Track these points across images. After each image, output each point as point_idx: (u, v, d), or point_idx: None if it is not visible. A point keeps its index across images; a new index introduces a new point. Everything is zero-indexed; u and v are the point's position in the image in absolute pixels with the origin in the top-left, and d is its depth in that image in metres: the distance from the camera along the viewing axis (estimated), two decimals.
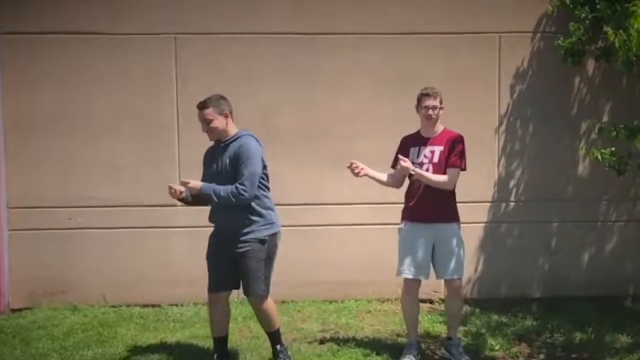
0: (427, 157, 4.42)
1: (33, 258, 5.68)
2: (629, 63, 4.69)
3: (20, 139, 5.65)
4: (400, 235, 4.50)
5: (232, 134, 4.20)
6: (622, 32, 4.60)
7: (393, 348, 4.67)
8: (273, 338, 4.35)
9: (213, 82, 5.37)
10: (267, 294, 4.19)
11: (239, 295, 4.41)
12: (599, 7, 5.11)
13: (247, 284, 4.15)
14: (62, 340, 4.87)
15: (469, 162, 4.50)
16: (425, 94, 4.41)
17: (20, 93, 5.63)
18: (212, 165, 4.23)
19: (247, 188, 4.02)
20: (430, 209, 4.36)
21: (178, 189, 4.11)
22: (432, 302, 5.76)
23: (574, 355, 4.65)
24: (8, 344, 4.83)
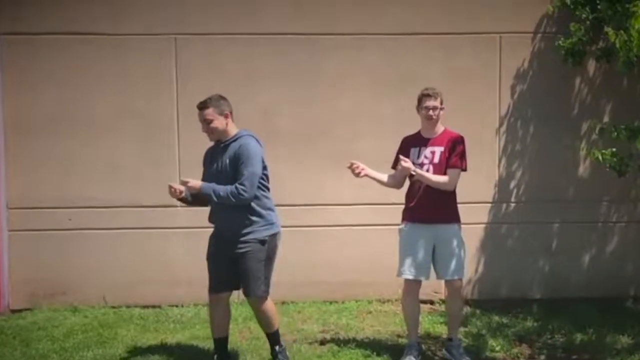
0: (427, 157, 4.41)
1: (33, 259, 5.68)
2: (630, 63, 4.69)
3: (20, 139, 5.65)
4: (401, 236, 4.49)
5: (232, 134, 4.19)
6: (622, 32, 4.60)
7: (393, 349, 4.67)
8: (272, 338, 4.35)
9: (213, 82, 5.36)
10: (266, 295, 4.19)
11: (239, 296, 4.40)
12: (600, 7, 5.11)
13: (246, 284, 4.15)
14: (62, 341, 4.87)
15: (469, 162, 4.49)
16: (426, 94, 4.41)
17: (20, 93, 5.63)
18: (211, 165, 4.23)
19: (246, 188, 4.02)
20: (431, 210, 4.35)
21: (178, 188, 4.11)
22: (432, 302, 5.75)
23: (575, 356, 4.64)
24: (8, 345, 4.83)
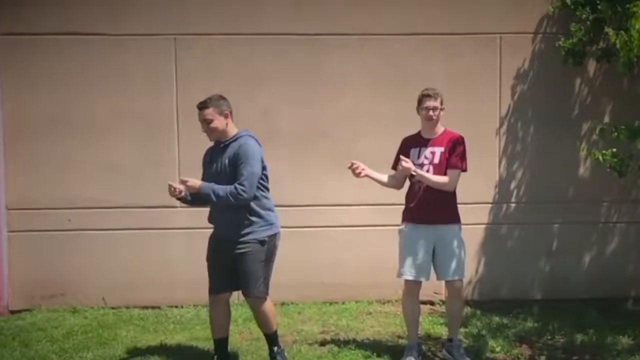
0: (427, 158, 4.40)
1: (32, 259, 5.67)
2: (630, 64, 4.67)
3: (20, 140, 5.64)
4: (401, 237, 4.49)
5: (231, 134, 4.18)
6: (623, 32, 4.60)
7: (393, 349, 4.66)
8: (270, 339, 4.34)
9: (213, 82, 5.36)
10: (266, 295, 4.19)
11: (239, 297, 4.40)
12: (600, 7, 5.09)
13: (246, 285, 4.14)
14: (61, 342, 4.86)
15: (470, 163, 4.48)
16: (426, 95, 4.40)
17: (20, 93, 5.62)
18: (211, 166, 4.22)
19: (245, 188, 4.01)
20: (431, 210, 4.34)
21: (177, 188, 4.10)
22: (432, 303, 5.75)
23: (575, 357, 4.63)
24: (7, 346, 4.82)
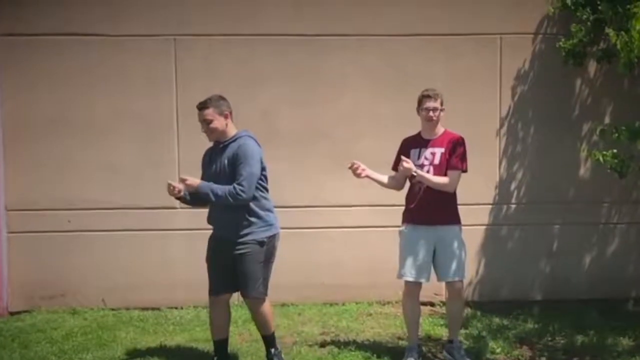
0: (427, 158, 4.39)
1: (32, 260, 5.66)
2: (631, 64, 4.66)
3: (19, 141, 5.63)
4: (401, 238, 4.48)
5: (231, 135, 4.18)
6: (623, 33, 4.59)
7: (393, 351, 4.66)
8: (268, 341, 4.33)
9: (212, 83, 5.35)
10: (264, 296, 4.18)
11: (239, 298, 4.39)
12: (600, 8, 5.09)
13: (244, 286, 4.13)
14: (61, 343, 4.85)
15: (470, 163, 4.47)
16: (426, 95, 4.39)
17: (20, 94, 5.62)
18: (210, 166, 4.21)
19: (244, 188, 4.00)
20: (431, 211, 4.33)
21: (177, 187, 4.09)
22: (432, 304, 5.74)
23: (576, 358, 4.62)
24: (7, 347, 4.81)
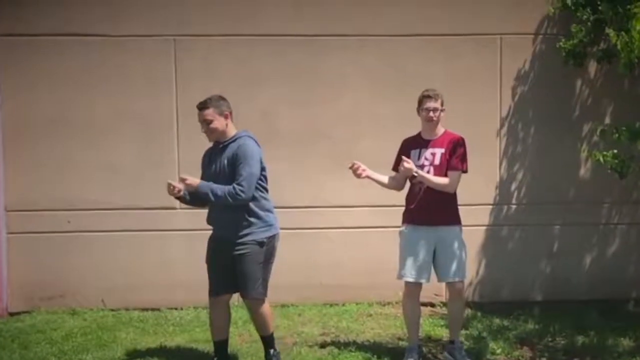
0: (427, 159, 4.39)
1: (31, 261, 5.66)
2: (631, 65, 4.66)
3: (19, 141, 5.63)
4: (401, 238, 4.47)
5: (231, 135, 4.17)
6: (623, 33, 4.59)
7: (394, 351, 4.65)
8: (266, 342, 4.33)
9: (212, 83, 5.34)
10: (264, 297, 4.17)
11: (239, 299, 4.38)
12: (601, 8, 5.09)
13: (244, 286, 4.12)
14: (60, 344, 4.85)
15: (470, 164, 4.47)
16: (426, 96, 4.38)
17: (20, 94, 5.61)
18: (210, 166, 4.21)
19: (244, 188, 3.99)
20: (431, 212, 4.32)
21: (176, 186, 4.09)
22: (433, 305, 5.73)
23: (576, 359, 4.61)
24: (6, 348, 4.80)
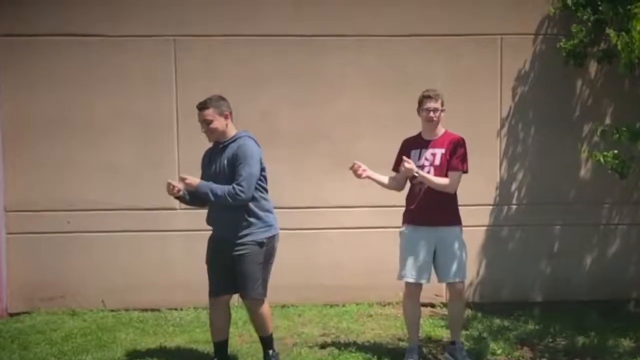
0: (428, 159, 4.38)
1: (31, 262, 5.65)
2: (631, 65, 4.66)
3: (19, 141, 5.62)
4: (401, 239, 4.47)
5: (230, 135, 4.17)
6: (624, 34, 4.58)
7: (394, 352, 4.65)
8: (265, 343, 4.32)
9: (212, 83, 5.33)
10: (263, 297, 4.17)
11: (239, 300, 4.37)
12: (601, 8, 5.09)
13: (244, 287, 4.12)
14: (60, 345, 4.85)
15: (470, 164, 4.46)
16: (427, 96, 4.38)
17: (19, 95, 5.61)
18: (210, 167, 4.20)
19: (244, 188, 3.99)
20: (432, 212, 4.32)
21: (176, 186, 4.09)
22: (433, 305, 5.73)
23: (577, 359, 4.62)
24: (6, 348, 4.80)
